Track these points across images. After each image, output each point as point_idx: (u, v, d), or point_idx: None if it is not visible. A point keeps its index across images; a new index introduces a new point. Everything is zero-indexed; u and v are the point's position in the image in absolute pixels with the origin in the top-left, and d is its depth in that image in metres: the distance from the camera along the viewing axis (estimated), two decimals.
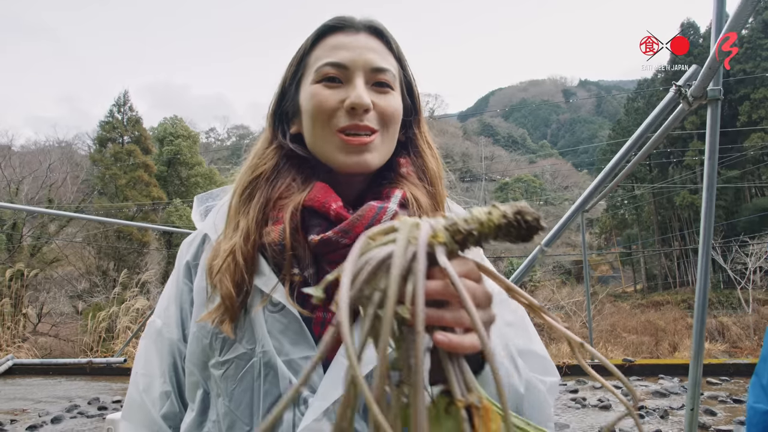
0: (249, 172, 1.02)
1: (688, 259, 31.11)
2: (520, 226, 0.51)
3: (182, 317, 1.06)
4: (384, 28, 1.06)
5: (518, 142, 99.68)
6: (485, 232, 0.52)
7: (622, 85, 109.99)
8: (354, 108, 0.95)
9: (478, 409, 0.47)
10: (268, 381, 0.90)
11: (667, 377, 7.61)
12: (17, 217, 21.88)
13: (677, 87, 2.74)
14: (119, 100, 29.01)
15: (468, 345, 0.51)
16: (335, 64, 0.98)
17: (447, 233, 0.53)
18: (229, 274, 0.92)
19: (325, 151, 0.99)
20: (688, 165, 29.96)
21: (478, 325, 0.47)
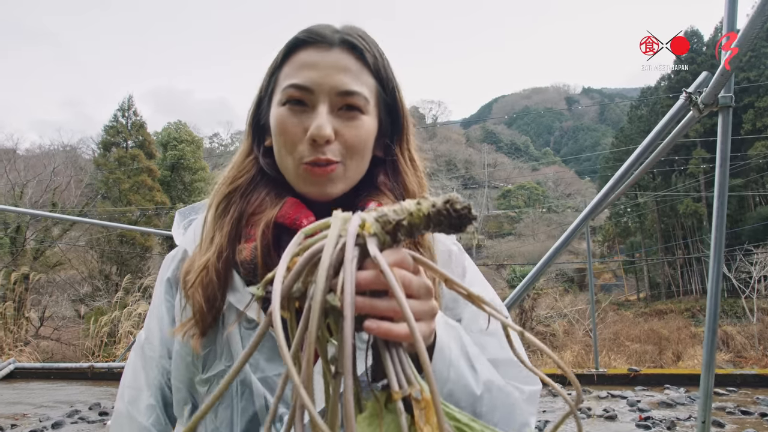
0: (226, 183, 1.01)
1: (692, 267, 31.02)
2: (450, 215, 0.52)
3: (163, 334, 1.05)
4: (361, 41, 0.97)
5: (521, 150, 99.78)
6: (415, 222, 0.52)
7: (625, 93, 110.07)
8: (314, 140, 0.91)
9: (418, 402, 0.47)
10: (245, 398, 0.91)
11: (673, 387, 7.54)
12: (21, 221, 21.93)
13: (687, 94, 2.71)
14: (123, 105, 29.14)
15: (399, 332, 0.50)
16: (300, 87, 0.93)
17: (377, 224, 0.53)
18: (202, 288, 0.91)
19: (292, 179, 0.97)
20: (691, 173, 29.91)
21: (406, 311, 0.47)
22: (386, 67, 1.01)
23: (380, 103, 1.01)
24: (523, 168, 74.82)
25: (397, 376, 0.48)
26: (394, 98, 1.03)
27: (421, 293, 0.58)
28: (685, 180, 30.36)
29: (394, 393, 0.47)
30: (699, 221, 30.78)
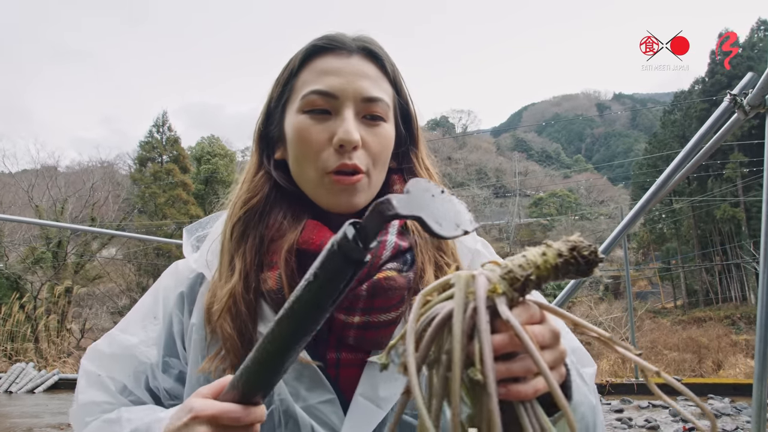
0: (240, 204, 0.98)
1: (731, 274, 30.18)
2: (578, 263, 0.50)
3: (166, 344, 1.00)
4: (379, 49, 0.98)
5: (552, 157, 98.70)
6: (543, 275, 0.51)
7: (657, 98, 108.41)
8: (342, 146, 0.89)
9: None
10: (290, 429, 0.88)
11: (716, 397, 7.36)
12: (62, 235, 22.51)
13: (732, 96, 2.67)
14: (158, 121, 29.81)
15: (532, 391, 0.51)
16: (323, 93, 0.91)
17: (505, 282, 0.52)
18: (231, 319, 0.89)
19: (312, 191, 0.95)
20: (728, 177, 29.19)
21: (544, 371, 0.47)
22: (400, 76, 1.02)
23: (397, 111, 1.01)
24: (555, 176, 73.93)
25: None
26: (407, 106, 1.03)
27: (550, 342, 0.57)
28: (722, 185, 29.63)
29: None
30: (737, 226, 29.99)
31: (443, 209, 0.52)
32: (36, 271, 21.52)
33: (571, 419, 0.46)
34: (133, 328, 1.03)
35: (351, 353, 0.91)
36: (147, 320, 1.03)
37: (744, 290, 28.85)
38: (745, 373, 11.55)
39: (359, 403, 0.87)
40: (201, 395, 0.72)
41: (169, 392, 0.98)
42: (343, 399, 0.89)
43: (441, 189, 0.55)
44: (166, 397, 0.98)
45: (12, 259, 22.05)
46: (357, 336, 0.89)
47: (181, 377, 0.99)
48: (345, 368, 0.91)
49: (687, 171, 3.27)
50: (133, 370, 0.98)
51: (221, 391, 0.71)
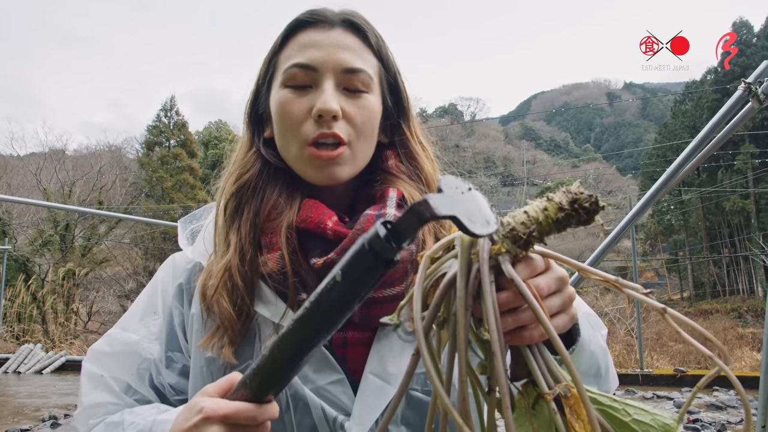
0: (232, 180, 0.97)
1: (739, 266, 30.05)
2: (578, 215, 0.51)
3: (168, 338, 0.98)
4: (362, 21, 0.97)
5: (561, 146, 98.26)
6: (545, 230, 0.53)
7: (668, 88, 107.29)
8: (321, 116, 0.89)
9: (567, 399, 0.49)
10: (299, 412, 0.87)
11: (722, 389, 7.34)
12: (70, 219, 22.64)
13: (747, 84, 2.61)
14: (166, 105, 29.81)
15: (537, 336, 0.54)
16: (303, 65, 0.91)
17: (507, 240, 0.53)
18: (226, 294, 0.88)
19: (296, 165, 0.95)
20: (738, 169, 28.94)
21: (543, 321, 0.50)
22: (386, 48, 1.01)
23: (383, 83, 1.00)
24: (563, 165, 73.68)
25: (544, 377, 0.51)
26: (395, 79, 1.02)
27: (557, 287, 0.60)
28: (732, 176, 29.40)
29: (546, 395, 0.50)
30: (747, 219, 29.79)
31: (472, 205, 0.51)
32: (44, 253, 21.68)
33: (568, 361, 0.49)
34: (134, 325, 1.00)
35: (357, 332, 0.91)
36: (147, 316, 1.01)
37: (752, 283, 28.73)
38: (751, 366, 11.53)
39: (369, 381, 0.87)
40: (208, 394, 0.70)
41: (174, 387, 0.97)
42: (352, 379, 0.89)
43: (468, 186, 0.54)
44: (171, 393, 0.96)
45: (20, 242, 22.20)
46: (362, 313, 0.88)
47: (185, 371, 0.97)
48: (352, 347, 0.90)
49: (698, 161, 3.22)
50: (136, 367, 0.96)
51: (228, 389, 0.70)
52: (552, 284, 0.59)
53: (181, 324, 0.99)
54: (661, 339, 15.87)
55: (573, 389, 0.49)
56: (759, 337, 16.28)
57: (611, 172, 67.42)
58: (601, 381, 0.88)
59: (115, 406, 0.93)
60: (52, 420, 7.41)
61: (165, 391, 0.96)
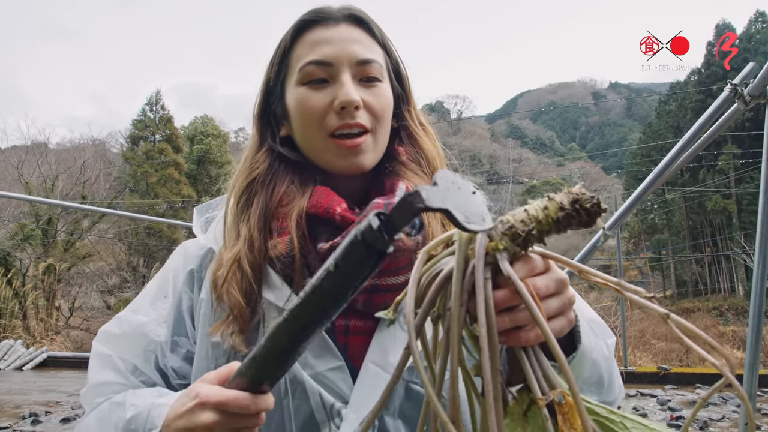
0: (243, 176, 0.99)
1: (720, 265, 30.45)
2: (579, 215, 0.50)
3: (175, 322, 0.99)
4: (365, 15, 1.01)
5: (546, 145, 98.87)
6: (545, 229, 0.51)
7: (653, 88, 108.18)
8: (344, 107, 0.91)
9: (561, 406, 0.47)
10: (297, 397, 0.88)
11: (704, 387, 7.42)
12: (52, 213, 22.37)
13: (733, 86, 2.63)
14: (151, 99, 29.57)
15: (533, 338, 0.53)
16: (319, 62, 0.93)
17: (506, 238, 0.52)
18: (236, 282, 0.89)
19: (319, 156, 0.97)
20: (721, 169, 29.30)
21: (539, 321, 0.49)
22: (387, 38, 1.04)
23: (390, 72, 1.03)
24: (549, 163, 74.15)
25: (538, 382, 0.50)
26: (398, 66, 1.05)
27: (556, 289, 0.58)
28: (714, 176, 29.76)
29: (539, 400, 0.48)
30: (728, 218, 30.19)
31: (470, 201, 0.51)
32: (25, 248, 21.40)
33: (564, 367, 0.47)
34: (144, 308, 1.02)
35: (360, 320, 0.91)
36: (157, 300, 1.02)
37: (733, 282, 29.13)
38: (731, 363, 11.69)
39: (369, 370, 0.87)
40: (207, 381, 0.72)
41: (177, 371, 0.97)
42: (352, 366, 0.89)
43: (469, 183, 0.54)
44: (173, 377, 0.97)
45: (1, 236, 21.89)
46: (365, 300, 0.89)
47: (189, 357, 0.98)
48: (354, 335, 0.91)
49: (685, 160, 3.25)
50: (143, 349, 0.97)
51: (227, 377, 0.71)
52: (551, 285, 0.58)
53: (189, 309, 1.00)
54: (644, 337, 16.04)
55: (568, 397, 0.47)
56: (739, 335, 16.52)
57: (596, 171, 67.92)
58: (603, 391, 0.87)
59: (122, 386, 0.94)
60: (33, 417, 7.30)
61: (168, 374, 0.97)
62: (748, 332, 2.57)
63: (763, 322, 2.51)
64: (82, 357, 13.02)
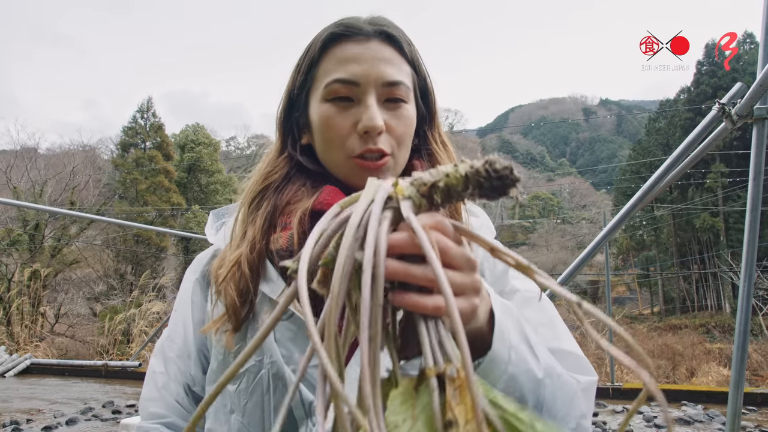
0: (260, 180, 1.00)
1: (707, 282, 30.62)
2: (490, 176, 0.47)
3: (187, 334, 1.04)
4: (396, 31, 0.99)
5: (537, 160, 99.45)
6: (453, 184, 0.48)
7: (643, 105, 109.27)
8: (367, 132, 0.91)
9: (452, 380, 0.42)
10: (278, 393, 0.87)
11: (690, 404, 7.44)
12: (40, 218, 22.16)
13: (721, 105, 2.67)
14: (142, 107, 29.41)
15: (428, 304, 0.47)
16: (345, 81, 0.93)
17: (412, 187, 0.49)
18: (234, 282, 0.90)
19: (340, 173, 0.97)
20: (709, 187, 29.58)
21: (440, 277, 0.44)
22: (418, 54, 1.02)
23: (416, 90, 1.01)
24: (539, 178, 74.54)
25: (433, 353, 0.44)
26: (425, 82, 1.04)
27: (462, 264, 0.54)
28: (702, 194, 30.02)
29: (428, 370, 0.43)
30: (716, 236, 30.41)
31: None
32: (12, 253, 21.16)
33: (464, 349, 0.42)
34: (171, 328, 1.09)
35: None
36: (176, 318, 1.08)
37: (720, 299, 29.28)
38: (717, 381, 11.72)
39: (353, 369, 0.84)
40: None
41: (194, 378, 1.03)
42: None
43: None
44: (192, 384, 1.03)
45: None
46: None
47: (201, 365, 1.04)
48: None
49: (673, 178, 3.28)
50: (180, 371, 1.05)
51: None
52: (458, 258, 0.54)
53: (199, 316, 1.04)
54: (631, 353, 16.06)
55: (463, 373, 0.43)
56: (726, 353, 16.57)
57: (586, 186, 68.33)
58: None
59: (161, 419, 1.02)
60: (14, 425, 7.20)
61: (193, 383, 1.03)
62: (733, 350, 2.59)
63: (749, 340, 2.52)
64: (66, 364, 12.86)
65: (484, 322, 0.66)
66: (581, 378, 0.87)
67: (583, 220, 51.10)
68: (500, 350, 0.68)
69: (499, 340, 0.68)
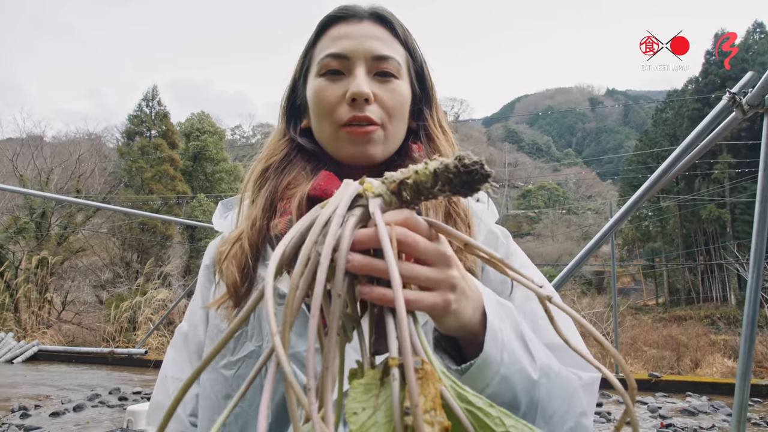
0: (262, 162, 1.04)
1: (713, 274, 30.53)
2: (459, 172, 0.47)
3: (208, 319, 1.05)
4: (389, 14, 1.03)
5: (543, 150, 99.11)
6: (421, 180, 0.48)
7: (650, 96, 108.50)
8: (354, 99, 0.94)
9: (416, 372, 0.42)
10: (278, 378, 0.86)
11: (695, 395, 7.44)
12: (46, 206, 22.25)
13: (731, 94, 2.65)
14: (147, 95, 29.35)
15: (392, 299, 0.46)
16: (336, 55, 0.97)
17: (383, 185, 0.50)
18: (236, 260, 0.92)
19: (331, 145, 0.99)
20: (716, 178, 29.40)
21: (391, 269, 0.45)
22: (413, 39, 1.06)
23: (411, 72, 1.05)
24: (544, 168, 74.36)
25: (399, 345, 0.44)
26: (422, 68, 1.07)
27: (434, 259, 0.55)
28: (709, 185, 29.86)
29: (390, 359, 0.43)
30: (722, 227, 30.27)
31: None
32: (18, 241, 21.28)
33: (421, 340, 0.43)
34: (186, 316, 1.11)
35: None
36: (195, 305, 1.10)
37: (725, 291, 29.20)
38: (722, 372, 11.72)
39: (347, 354, 0.84)
40: None
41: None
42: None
43: None
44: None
45: None
46: None
47: None
48: None
49: (681, 168, 3.25)
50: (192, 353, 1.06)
51: None
52: (427, 250, 0.54)
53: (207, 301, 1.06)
54: (636, 343, 16.06)
55: (427, 365, 0.43)
56: (730, 345, 16.56)
57: (592, 177, 68.16)
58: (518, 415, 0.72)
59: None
60: (22, 410, 7.27)
61: None
62: (741, 341, 2.58)
63: (756, 332, 2.51)
64: (73, 351, 12.97)
65: (473, 322, 0.65)
66: (583, 374, 0.86)
67: (589, 211, 50.99)
68: (492, 351, 0.68)
69: (491, 342, 0.67)
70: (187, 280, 21.12)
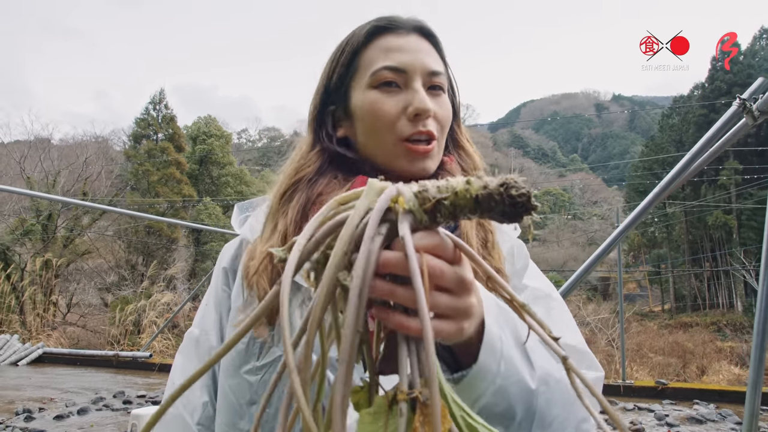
0: (292, 174, 1.01)
1: (719, 280, 30.38)
2: (503, 202, 0.44)
3: (221, 324, 1.04)
4: (432, 30, 1.05)
5: (548, 155, 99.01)
6: (460, 204, 0.45)
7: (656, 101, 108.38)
8: (418, 114, 0.94)
9: (424, 406, 0.41)
10: (271, 371, 0.88)
11: (702, 403, 7.38)
12: (53, 208, 22.33)
13: (742, 100, 2.62)
14: (155, 98, 29.47)
15: (411, 326, 0.46)
16: (393, 68, 0.96)
17: (415, 200, 0.46)
18: (266, 275, 0.91)
19: (386, 159, 0.98)
20: (722, 184, 29.28)
21: (420, 302, 0.43)
22: (445, 54, 1.07)
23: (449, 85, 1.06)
24: (550, 174, 74.26)
25: (410, 376, 0.43)
26: (451, 82, 1.09)
27: (455, 287, 0.53)
28: (716, 191, 29.73)
29: (399, 393, 0.42)
30: (728, 234, 30.14)
31: None
32: (25, 242, 21.36)
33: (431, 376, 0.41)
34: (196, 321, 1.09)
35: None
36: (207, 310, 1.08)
37: (732, 297, 29.05)
38: (728, 380, 11.63)
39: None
40: None
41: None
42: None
43: None
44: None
45: (1, 230, 21.86)
46: None
47: None
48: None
49: (690, 174, 3.23)
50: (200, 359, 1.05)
51: None
52: (451, 280, 0.52)
53: (227, 308, 1.04)
54: (642, 350, 15.98)
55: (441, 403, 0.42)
56: (737, 351, 16.46)
57: (597, 182, 67.97)
58: (513, 426, 0.74)
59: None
60: (26, 413, 7.27)
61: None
62: (752, 349, 2.55)
63: (767, 340, 2.48)
64: (78, 354, 12.98)
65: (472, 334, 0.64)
66: (589, 374, 0.88)
67: (595, 217, 50.85)
68: (488, 362, 0.67)
69: (488, 352, 0.66)
70: (192, 283, 21.15)
